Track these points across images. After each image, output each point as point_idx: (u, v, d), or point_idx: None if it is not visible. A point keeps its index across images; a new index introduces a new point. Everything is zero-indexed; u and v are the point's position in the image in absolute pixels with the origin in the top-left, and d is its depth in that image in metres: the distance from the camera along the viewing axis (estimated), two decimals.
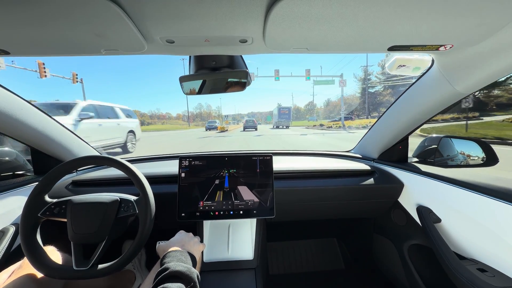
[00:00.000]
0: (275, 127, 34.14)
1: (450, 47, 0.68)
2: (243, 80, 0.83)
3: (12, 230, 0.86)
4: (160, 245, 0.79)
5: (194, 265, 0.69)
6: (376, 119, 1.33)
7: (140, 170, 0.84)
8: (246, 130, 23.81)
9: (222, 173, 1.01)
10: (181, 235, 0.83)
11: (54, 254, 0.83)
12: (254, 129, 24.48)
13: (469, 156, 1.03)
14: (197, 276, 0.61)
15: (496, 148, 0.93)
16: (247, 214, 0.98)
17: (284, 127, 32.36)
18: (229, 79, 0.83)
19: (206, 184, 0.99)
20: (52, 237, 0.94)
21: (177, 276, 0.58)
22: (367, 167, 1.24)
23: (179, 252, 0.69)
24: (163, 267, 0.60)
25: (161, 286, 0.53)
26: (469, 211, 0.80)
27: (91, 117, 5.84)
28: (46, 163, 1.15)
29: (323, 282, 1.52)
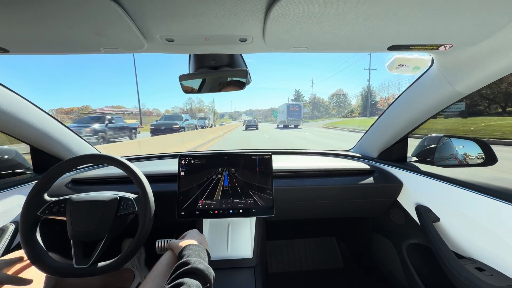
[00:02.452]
0: (281, 126, 31.31)
1: (450, 47, 0.68)
2: (242, 79, 0.83)
3: (11, 228, 0.86)
4: (174, 241, 0.76)
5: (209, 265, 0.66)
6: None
7: (139, 169, 0.84)
8: (248, 129, 25.54)
9: (221, 172, 1.01)
10: (195, 233, 0.79)
11: None
12: (255, 128, 26.07)
13: (468, 155, 1.03)
14: (213, 277, 0.59)
15: None
16: (246, 213, 0.98)
17: (293, 126, 30.36)
18: (228, 78, 0.83)
19: (205, 183, 0.99)
20: (52, 235, 0.94)
21: (195, 273, 0.55)
22: (367, 166, 1.25)
23: (199, 247, 0.66)
24: (184, 260, 0.58)
25: (179, 280, 0.51)
26: (468, 210, 0.80)
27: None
28: (46, 161, 1.15)
29: (322, 281, 1.53)
